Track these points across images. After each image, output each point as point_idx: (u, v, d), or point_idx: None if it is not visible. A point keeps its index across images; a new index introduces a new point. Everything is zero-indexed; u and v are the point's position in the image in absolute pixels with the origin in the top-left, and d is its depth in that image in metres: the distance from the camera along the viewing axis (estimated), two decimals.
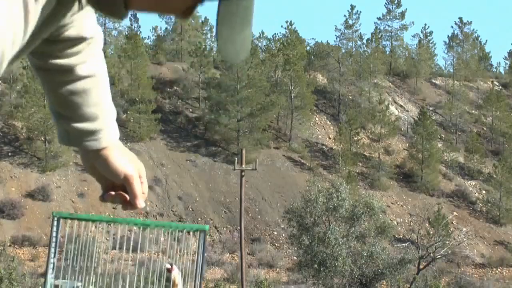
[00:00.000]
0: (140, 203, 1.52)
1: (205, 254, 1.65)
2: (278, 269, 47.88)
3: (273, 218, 53.58)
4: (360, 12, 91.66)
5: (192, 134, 60.59)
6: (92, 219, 1.60)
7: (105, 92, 1.51)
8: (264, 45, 70.24)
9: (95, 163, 1.51)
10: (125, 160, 1.51)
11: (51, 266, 2.26)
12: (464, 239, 45.92)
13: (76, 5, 1.29)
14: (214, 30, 1.17)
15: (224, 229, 52.64)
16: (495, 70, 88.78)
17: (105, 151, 1.50)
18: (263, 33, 73.48)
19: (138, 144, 56.45)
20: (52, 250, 2.20)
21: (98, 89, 1.49)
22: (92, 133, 1.49)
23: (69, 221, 2.07)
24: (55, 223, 2.04)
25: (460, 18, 77.93)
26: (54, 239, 2.15)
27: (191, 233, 1.65)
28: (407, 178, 62.40)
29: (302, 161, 60.20)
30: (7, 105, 56.18)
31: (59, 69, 1.45)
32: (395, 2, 74.89)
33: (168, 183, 54.21)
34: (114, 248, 47.72)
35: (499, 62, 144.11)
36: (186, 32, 70.91)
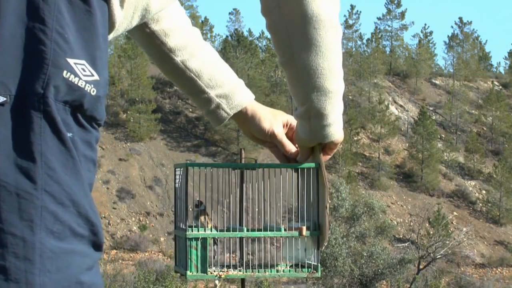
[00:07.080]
0: (291, 149, 1.65)
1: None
2: None
3: (273, 218, 53.55)
4: (360, 12, 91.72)
5: (192, 134, 60.57)
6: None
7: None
8: (264, 45, 70.25)
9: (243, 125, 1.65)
10: (267, 118, 1.62)
11: None
12: (464, 239, 45.88)
13: None
14: None
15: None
16: (495, 70, 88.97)
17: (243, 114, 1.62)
18: (263, 33, 73.41)
19: (138, 144, 56.43)
20: None
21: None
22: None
23: None
24: None
25: (460, 18, 78.02)
26: None
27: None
28: (407, 178, 62.39)
29: None
30: None
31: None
32: (395, 2, 74.91)
33: (168, 183, 54.18)
34: (114, 248, 47.73)
35: (499, 62, 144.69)
36: None
